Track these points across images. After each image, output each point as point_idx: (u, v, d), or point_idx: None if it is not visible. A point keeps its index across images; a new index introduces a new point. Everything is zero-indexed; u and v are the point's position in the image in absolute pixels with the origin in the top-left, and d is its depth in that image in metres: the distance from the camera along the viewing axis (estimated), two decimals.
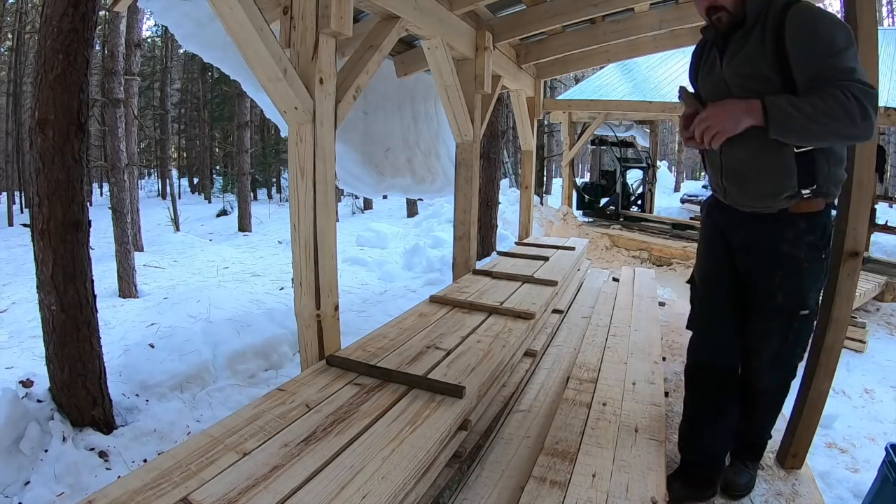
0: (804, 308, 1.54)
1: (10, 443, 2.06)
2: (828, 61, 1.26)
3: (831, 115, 1.20)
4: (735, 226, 1.61)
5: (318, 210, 1.85)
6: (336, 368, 1.77)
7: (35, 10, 15.94)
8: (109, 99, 7.03)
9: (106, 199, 12.38)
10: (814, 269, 1.51)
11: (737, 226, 1.60)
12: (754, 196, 1.52)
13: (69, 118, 2.25)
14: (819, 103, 1.21)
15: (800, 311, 1.54)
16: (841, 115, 1.19)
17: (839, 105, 1.19)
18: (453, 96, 3.13)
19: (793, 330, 1.57)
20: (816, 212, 1.46)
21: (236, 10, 1.52)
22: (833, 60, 1.26)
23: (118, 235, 6.50)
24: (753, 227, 1.56)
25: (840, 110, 1.19)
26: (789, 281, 1.52)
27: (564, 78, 15.71)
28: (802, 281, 1.52)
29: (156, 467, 1.17)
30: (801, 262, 1.49)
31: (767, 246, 1.52)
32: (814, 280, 1.54)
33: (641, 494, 1.45)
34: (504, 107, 7.08)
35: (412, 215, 14.06)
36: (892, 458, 1.65)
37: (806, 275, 1.51)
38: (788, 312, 1.55)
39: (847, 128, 1.21)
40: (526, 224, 5.27)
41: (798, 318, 1.55)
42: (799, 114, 1.22)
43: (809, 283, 1.52)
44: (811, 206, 1.45)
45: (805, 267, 1.49)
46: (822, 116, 1.20)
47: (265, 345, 3.29)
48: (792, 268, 1.51)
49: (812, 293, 1.55)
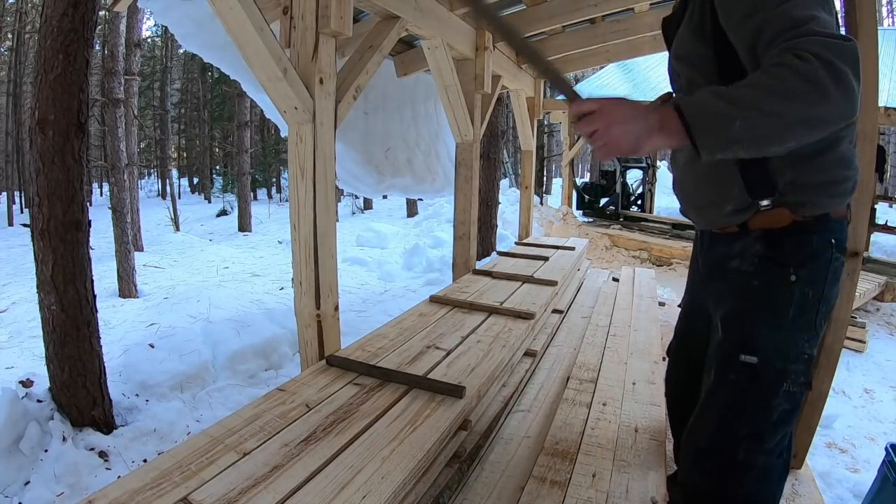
0: (746, 350, 1.04)
1: (10, 443, 2.06)
2: (772, 12, 0.84)
3: (786, 94, 0.77)
4: (703, 248, 1.25)
5: (318, 210, 1.85)
6: (336, 368, 1.77)
7: (35, 10, 15.95)
8: (109, 99, 7.02)
9: (106, 199, 12.38)
10: (773, 298, 1.03)
11: (704, 248, 1.24)
12: (696, 209, 1.18)
13: (69, 118, 2.25)
14: (764, 81, 0.79)
15: (739, 353, 1.04)
16: (800, 90, 0.76)
17: (795, 74, 0.77)
18: (453, 96, 3.13)
19: (729, 386, 1.07)
20: (780, 227, 1.02)
21: (236, 10, 1.52)
22: (781, 8, 0.84)
23: (118, 235, 6.50)
24: (712, 248, 1.18)
25: (798, 82, 0.76)
26: (729, 306, 1.09)
27: None
28: (747, 308, 1.06)
29: (156, 467, 1.17)
30: (748, 279, 1.05)
31: (717, 265, 1.14)
32: (771, 313, 1.03)
33: (641, 494, 1.45)
34: (504, 107, 7.08)
35: (412, 215, 14.06)
36: (892, 458, 1.65)
37: (755, 301, 1.04)
38: (724, 356, 1.08)
39: (814, 106, 0.77)
40: (526, 224, 5.28)
41: (737, 367, 1.05)
42: (734, 108, 0.78)
43: (763, 317, 1.04)
44: (771, 219, 1.02)
45: (754, 287, 1.04)
46: (772, 100, 0.77)
47: (265, 345, 3.29)
48: (735, 288, 1.08)
49: (767, 332, 1.03)
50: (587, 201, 10.02)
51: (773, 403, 1.04)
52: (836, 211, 1.03)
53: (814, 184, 1.00)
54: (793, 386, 1.04)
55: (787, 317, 1.02)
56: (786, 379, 1.03)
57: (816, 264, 1.01)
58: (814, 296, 1.01)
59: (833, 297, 1.06)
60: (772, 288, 1.03)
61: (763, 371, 1.03)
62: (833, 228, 1.02)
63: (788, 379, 1.03)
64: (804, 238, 1.01)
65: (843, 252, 1.04)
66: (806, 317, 1.02)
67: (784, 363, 1.03)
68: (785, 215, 1.01)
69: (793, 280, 1.01)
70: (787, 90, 0.77)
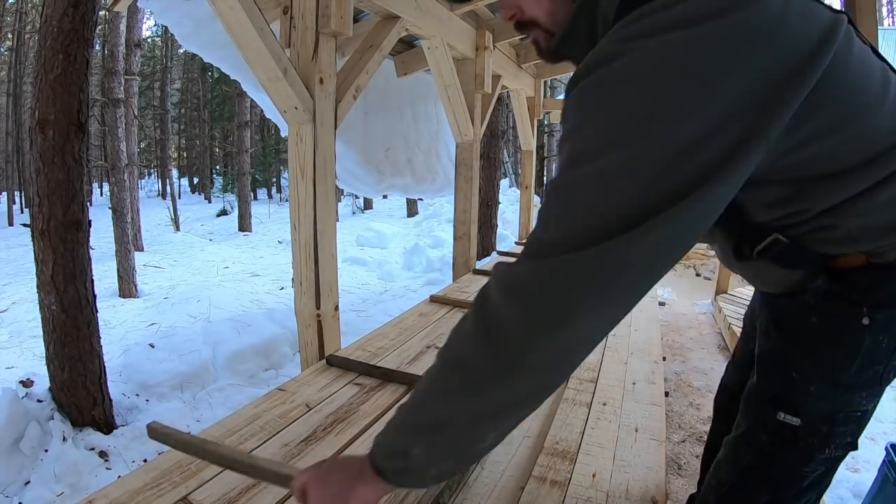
0: (786, 408, 0.81)
1: (10, 443, 2.06)
2: None
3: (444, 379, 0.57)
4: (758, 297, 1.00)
5: (318, 210, 1.85)
6: (336, 368, 1.77)
7: (35, 10, 15.96)
8: (109, 99, 7.03)
9: (106, 199, 12.39)
10: (835, 345, 0.78)
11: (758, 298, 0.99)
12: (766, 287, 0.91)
13: (69, 118, 2.25)
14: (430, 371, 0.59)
15: (776, 411, 0.82)
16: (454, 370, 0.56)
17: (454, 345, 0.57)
18: (453, 96, 3.13)
19: (757, 447, 0.85)
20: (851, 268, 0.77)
21: (236, 10, 1.52)
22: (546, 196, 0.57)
23: (118, 235, 6.50)
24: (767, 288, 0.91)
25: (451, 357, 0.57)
26: (772, 343, 0.85)
27: (564, 78, 15.71)
28: (796, 353, 0.81)
29: (156, 467, 1.17)
30: (804, 311, 0.79)
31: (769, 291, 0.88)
32: (829, 365, 0.79)
33: (641, 494, 1.45)
34: (504, 107, 7.08)
35: (412, 215, 14.06)
36: (892, 458, 1.65)
37: (809, 344, 0.80)
38: (757, 408, 0.86)
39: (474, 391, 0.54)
40: (526, 224, 5.28)
41: (771, 427, 0.82)
42: (399, 435, 0.60)
43: (817, 369, 0.79)
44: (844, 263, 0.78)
45: (811, 325, 0.79)
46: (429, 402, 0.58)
47: (265, 345, 3.29)
48: (785, 319, 0.83)
49: (818, 389, 0.79)
50: None
51: (806, 470, 0.84)
52: None
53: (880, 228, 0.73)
54: (835, 450, 0.82)
55: (847, 371, 0.78)
56: (830, 444, 0.81)
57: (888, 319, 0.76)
58: (888, 345, 0.77)
59: None
60: (836, 331, 0.78)
61: (804, 435, 0.81)
62: None
63: (833, 443, 0.81)
64: (886, 275, 0.76)
65: None
66: (872, 370, 0.78)
67: (831, 426, 0.80)
68: (858, 259, 0.77)
69: (865, 324, 0.76)
70: (445, 373, 0.57)
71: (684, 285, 6.21)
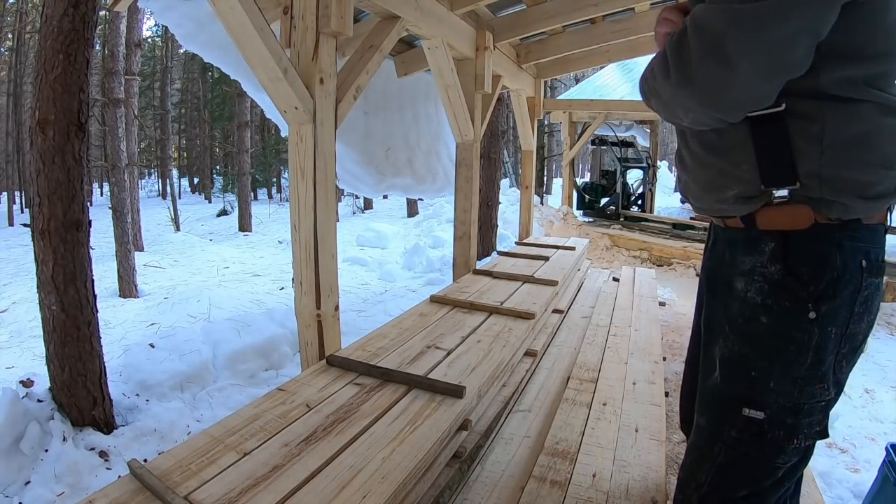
0: (750, 404, 0.86)
1: (10, 443, 2.06)
2: None
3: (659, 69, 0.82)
4: (707, 248, 1.06)
5: (318, 210, 1.85)
6: (336, 368, 1.77)
7: (35, 10, 15.96)
8: (109, 99, 7.03)
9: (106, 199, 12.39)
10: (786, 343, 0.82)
11: (707, 247, 1.06)
12: (696, 189, 0.95)
13: (69, 118, 2.25)
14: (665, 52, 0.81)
15: (741, 407, 0.86)
16: (659, 68, 0.82)
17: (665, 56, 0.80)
18: (453, 96, 3.12)
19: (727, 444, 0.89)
20: (799, 231, 0.81)
21: (236, 10, 1.52)
22: None
23: (118, 235, 6.50)
24: (715, 249, 0.98)
25: (660, 58, 0.81)
26: (730, 345, 0.89)
27: (564, 78, 15.71)
28: (752, 354, 0.85)
29: (157, 466, 1.17)
30: (755, 313, 0.84)
31: (720, 278, 0.93)
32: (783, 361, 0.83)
33: (641, 494, 1.45)
34: (504, 107, 7.08)
35: (412, 215, 14.06)
36: (892, 458, 1.65)
37: (763, 345, 0.84)
38: (723, 406, 0.90)
39: (663, 88, 0.81)
40: (526, 224, 5.28)
41: (738, 424, 0.87)
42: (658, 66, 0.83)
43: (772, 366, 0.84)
44: (787, 217, 0.81)
45: (762, 326, 0.84)
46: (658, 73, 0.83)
47: (265, 345, 3.29)
48: (739, 322, 0.87)
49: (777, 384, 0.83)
50: (587, 201, 10.03)
51: (778, 461, 0.88)
52: (870, 217, 0.81)
53: (845, 180, 0.77)
54: (804, 440, 0.87)
55: (803, 365, 0.82)
56: (797, 434, 0.85)
57: (842, 295, 0.79)
58: (837, 334, 0.81)
59: (862, 331, 0.84)
60: (784, 329, 0.82)
61: (770, 428, 0.85)
62: (865, 239, 0.80)
63: (801, 434, 0.86)
64: (828, 256, 0.79)
65: (878, 274, 0.82)
66: (826, 361, 0.82)
67: (796, 417, 0.85)
68: (804, 214, 0.79)
69: (812, 318, 0.80)
70: (660, 66, 0.80)
71: (684, 285, 6.21)
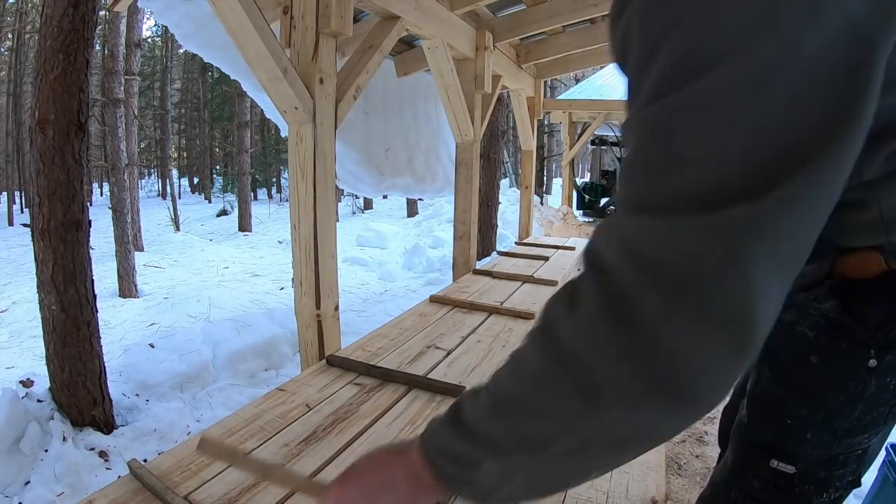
0: (780, 455, 0.73)
1: (10, 443, 2.06)
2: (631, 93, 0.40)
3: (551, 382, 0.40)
4: None
5: (318, 210, 1.85)
6: (336, 368, 1.77)
7: (35, 10, 15.96)
8: (109, 99, 7.03)
9: (106, 199, 12.39)
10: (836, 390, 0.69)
11: None
12: None
13: (69, 118, 2.25)
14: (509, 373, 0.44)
15: (769, 458, 0.74)
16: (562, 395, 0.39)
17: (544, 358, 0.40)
18: (453, 96, 3.13)
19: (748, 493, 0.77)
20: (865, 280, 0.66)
21: (236, 10, 1.52)
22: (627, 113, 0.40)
23: (118, 235, 6.50)
24: None
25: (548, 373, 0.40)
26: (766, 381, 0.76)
27: (564, 78, 15.71)
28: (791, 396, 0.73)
29: (157, 466, 1.17)
30: (803, 349, 0.70)
31: None
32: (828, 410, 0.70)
33: (641, 494, 1.45)
34: (504, 107, 7.08)
35: (412, 215, 14.05)
36: (893, 458, 1.65)
37: (807, 387, 0.71)
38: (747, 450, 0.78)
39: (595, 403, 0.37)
40: (526, 224, 5.28)
41: (764, 475, 0.74)
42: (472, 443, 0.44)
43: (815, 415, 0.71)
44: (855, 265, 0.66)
45: (810, 366, 0.70)
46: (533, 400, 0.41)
47: (265, 345, 3.29)
48: (781, 356, 0.73)
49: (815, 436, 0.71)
50: (587, 201, 10.03)
51: None
52: None
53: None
54: (835, 492, 0.74)
55: (849, 416, 0.69)
56: (828, 488, 0.73)
57: None
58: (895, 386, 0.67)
59: None
60: (837, 376, 0.69)
61: (799, 483, 0.73)
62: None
63: (832, 486, 0.73)
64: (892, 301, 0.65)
65: None
66: (877, 412, 0.69)
67: (829, 470, 0.72)
68: (874, 261, 0.65)
69: (871, 366, 0.66)
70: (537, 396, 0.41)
71: None
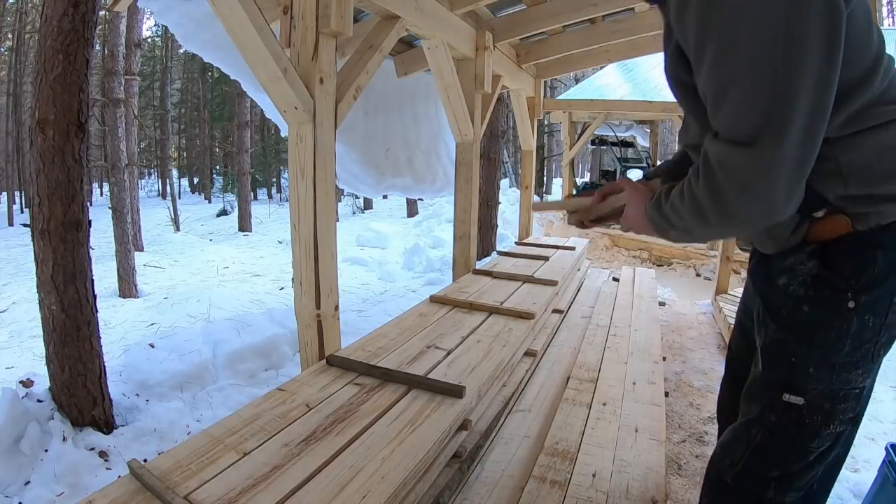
0: (791, 390, 0.92)
1: (10, 443, 2.06)
2: (704, 77, 0.77)
3: (685, 216, 0.85)
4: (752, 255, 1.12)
5: (318, 210, 1.85)
6: (336, 368, 1.77)
7: (35, 10, 15.95)
8: (109, 99, 7.03)
9: (106, 199, 12.39)
10: (826, 330, 0.89)
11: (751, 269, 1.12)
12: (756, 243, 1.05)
13: (69, 118, 2.25)
14: (676, 198, 0.86)
15: (783, 393, 0.93)
16: (691, 215, 0.83)
17: (689, 199, 0.83)
18: (453, 96, 3.12)
19: (767, 427, 0.96)
20: (838, 238, 0.87)
21: (236, 10, 1.52)
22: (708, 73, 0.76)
23: (118, 235, 6.51)
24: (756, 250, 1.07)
25: (689, 207, 0.83)
26: (772, 335, 0.95)
27: (564, 78, 15.72)
28: (793, 341, 0.92)
29: (157, 466, 1.17)
30: (796, 303, 0.91)
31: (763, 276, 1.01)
32: (822, 349, 0.89)
33: (641, 494, 1.45)
34: (504, 107, 7.08)
35: (412, 215, 14.06)
36: (892, 458, 1.65)
37: (804, 332, 0.91)
38: (765, 393, 0.97)
39: (706, 227, 0.83)
40: (526, 224, 5.27)
41: (779, 409, 0.94)
42: (665, 222, 0.90)
43: (812, 353, 0.90)
44: (827, 229, 0.88)
45: (804, 315, 0.90)
46: (680, 221, 0.87)
47: (265, 345, 3.29)
48: (781, 313, 0.94)
49: (816, 371, 0.90)
50: None
51: (812, 446, 0.94)
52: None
53: (874, 195, 0.84)
54: (839, 425, 0.93)
55: (841, 352, 0.88)
56: (833, 420, 0.92)
57: (882, 287, 0.85)
58: (875, 324, 0.87)
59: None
60: (825, 318, 0.88)
61: (808, 413, 0.92)
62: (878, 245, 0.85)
63: (836, 419, 0.92)
64: (868, 255, 0.85)
65: None
66: (863, 349, 0.88)
67: (832, 403, 0.91)
68: (843, 223, 0.86)
69: (851, 307, 0.86)
70: (685, 214, 0.84)
71: (684, 285, 6.21)
